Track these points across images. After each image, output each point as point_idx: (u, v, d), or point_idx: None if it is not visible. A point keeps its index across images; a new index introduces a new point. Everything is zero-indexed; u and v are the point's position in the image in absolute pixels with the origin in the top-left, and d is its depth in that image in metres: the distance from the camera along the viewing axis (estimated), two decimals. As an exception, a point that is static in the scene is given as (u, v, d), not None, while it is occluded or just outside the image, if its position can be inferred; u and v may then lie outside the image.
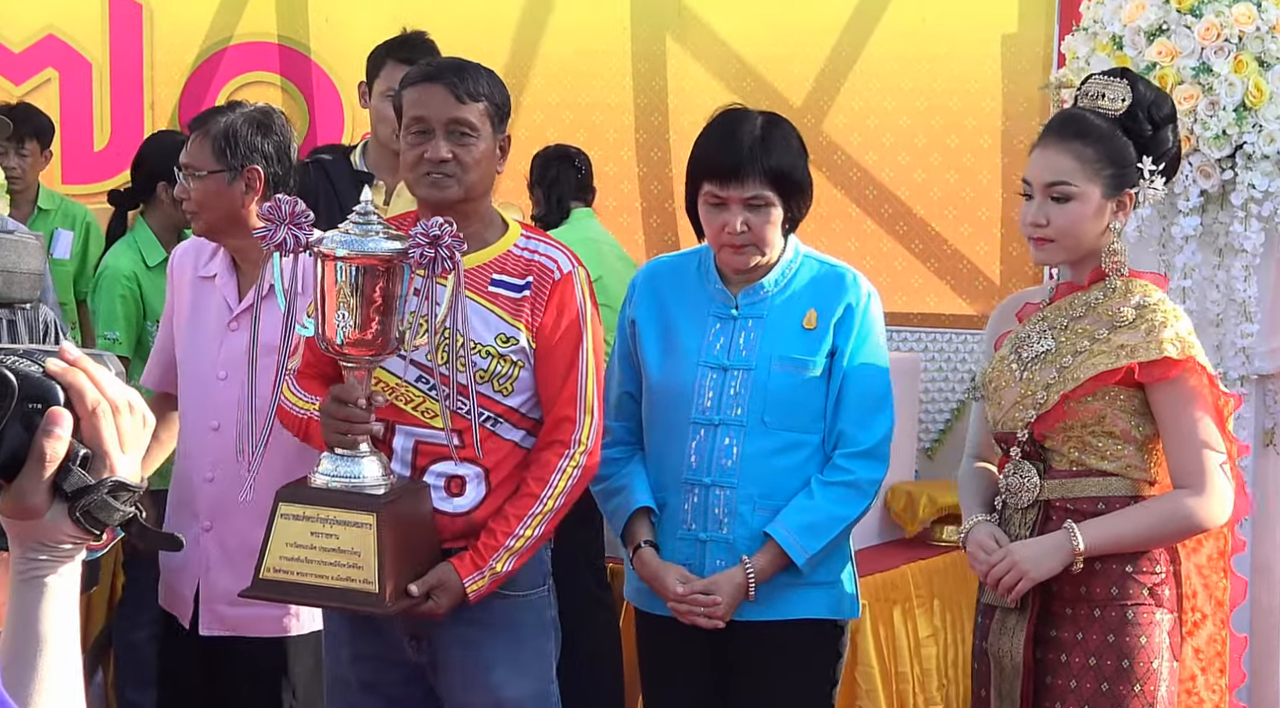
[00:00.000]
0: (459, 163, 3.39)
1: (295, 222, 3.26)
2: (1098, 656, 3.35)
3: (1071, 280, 3.46)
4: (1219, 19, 4.33)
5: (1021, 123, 5.85)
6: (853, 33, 6.08)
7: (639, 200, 6.40)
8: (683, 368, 3.60)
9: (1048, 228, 3.37)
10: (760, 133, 3.54)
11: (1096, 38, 4.55)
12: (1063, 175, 3.36)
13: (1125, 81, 3.42)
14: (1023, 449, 3.41)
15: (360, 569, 3.28)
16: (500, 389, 3.43)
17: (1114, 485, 3.37)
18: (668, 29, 6.36)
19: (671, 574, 3.55)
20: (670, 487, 3.60)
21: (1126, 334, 3.34)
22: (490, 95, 3.42)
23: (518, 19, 6.46)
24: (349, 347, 3.28)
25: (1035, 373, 3.40)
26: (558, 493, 3.43)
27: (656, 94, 6.38)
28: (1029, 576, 3.33)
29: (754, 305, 3.59)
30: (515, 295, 3.45)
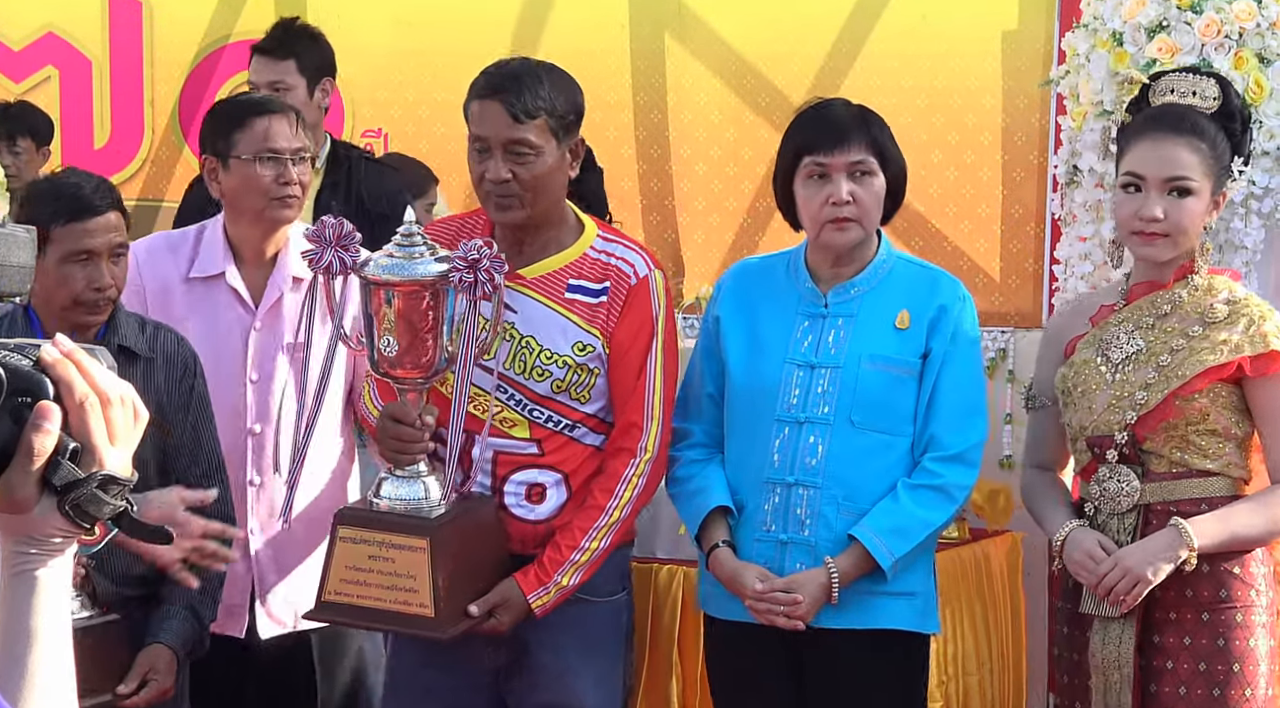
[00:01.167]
0: (519, 182, 3.34)
1: (342, 244, 3.26)
2: (1208, 660, 3.28)
3: (1152, 279, 3.40)
4: (1219, 15, 4.33)
5: (1021, 120, 5.84)
6: (852, 30, 6.07)
7: (639, 198, 6.39)
8: (768, 365, 3.52)
9: (1164, 222, 3.30)
10: (858, 108, 3.54)
11: (1097, 34, 4.54)
12: (1184, 170, 3.31)
13: (1214, 81, 3.38)
14: (1120, 452, 3.33)
15: (416, 593, 3.27)
16: (577, 397, 3.41)
17: (1215, 485, 3.32)
18: (666, 27, 6.35)
19: (750, 572, 3.46)
20: (750, 487, 3.51)
21: (1225, 330, 3.30)
22: (551, 107, 3.34)
23: (516, 17, 6.45)
24: (398, 368, 3.27)
25: (1129, 374, 3.33)
26: (624, 503, 3.42)
27: (656, 92, 6.37)
28: (1145, 580, 3.25)
29: (845, 304, 3.52)
30: (592, 301, 3.42)
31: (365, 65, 6.68)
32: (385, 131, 6.66)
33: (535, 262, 3.43)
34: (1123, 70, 4.42)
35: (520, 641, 3.46)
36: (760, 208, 6.26)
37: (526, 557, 3.44)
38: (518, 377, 3.38)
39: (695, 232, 6.35)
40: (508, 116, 3.33)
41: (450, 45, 6.45)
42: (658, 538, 4.94)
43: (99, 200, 3.46)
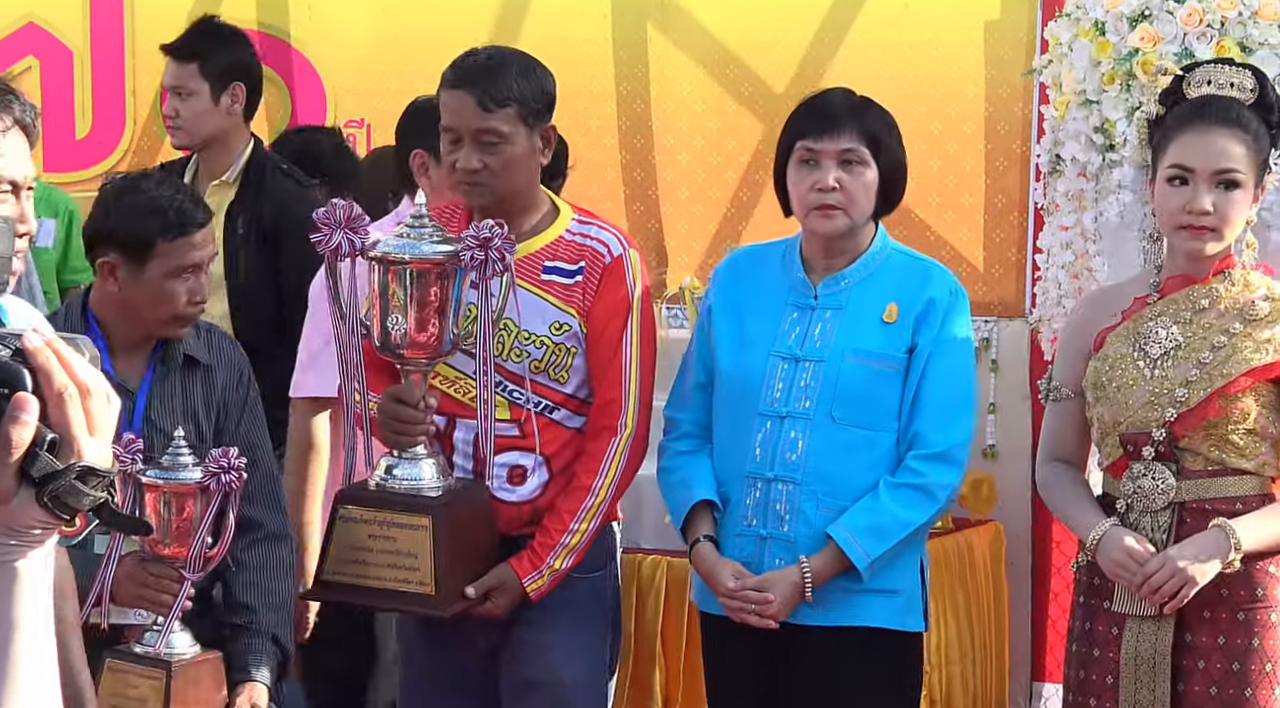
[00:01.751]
0: (490, 171, 3.38)
1: (351, 226, 3.27)
2: (1241, 660, 3.26)
3: (1187, 273, 3.37)
4: (1201, 4, 4.33)
5: (1004, 109, 5.84)
6: (835, 20, 6.07)
7: (622, 187, 6.38)
8: (754, 357, 3.50)
9: (1213, 216, 3.27)
10: (858, 99, 3.52)
11: (1079, 23, 4.54)
12: (1233, 162, 3.28)
13: (1250, 72, 3.35)
14: (1157, 450, 3.30)
15: (417, 571, 3.32)
16: (556, 378, 3.44)
17: (1249, 484, 3.30)
18: (649, 17, 6.34)
19: (726, 569, 3.44)
20: (734, 481, 3.50)
21: (1267, 329, 3.28)
22: (521, 96, 3.37)
23: (499, 6, 6.44)
24: (405, 349, 3.30)
25: (1168, 370, 3.29)
26: (608, 482, 3.44)
27: (639, 81, 6.37)
28: (1194, 581, 3.21)
29: (834, 295, 3.49)
30: (568, 281, 3.45)
31: (347, 54, 6.67)
32: (368, 122, 6.64)
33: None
34: (1105, 60, 4.42)
35: (507, 618, 3.48)
36: (744, 198, 6.26)
37: (510, 538, 3.45)
38: (496, 358, 3.39)
39: (679, 221, 6.35)
40: (476, 107, 3.37)
41: (432, 33, 6.43)
42: (642, 529, 4.94)
43: (199, 213, 3.47)
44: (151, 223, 3.41)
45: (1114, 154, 4.43)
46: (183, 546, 3.28)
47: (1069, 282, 4.67)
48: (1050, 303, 4.74)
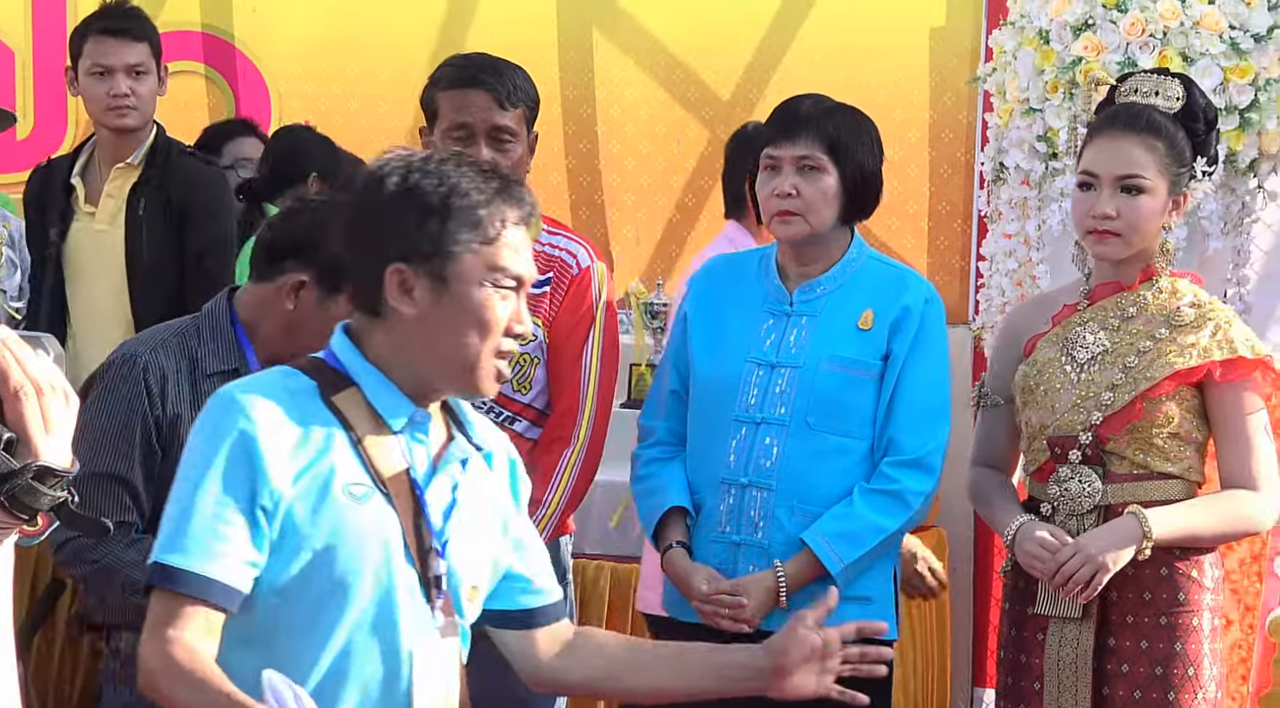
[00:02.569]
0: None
1: None
2: (1164, 664, 3.27)
3: (1116, 280, 3.38)
4: (1144, 14, 4.36)
5: (949, 116, 5.87)
6: (781, 26, 6.09)
7: (568, 192, 6.38)
8: (730, 363, 3.48)
9: (1117, 221, 3.29)
10: (827, 105, 3.50)
11: (1024, 32, 4.57)
12: (1137, 167, 3.29)
13: (1178, 81, 3.36)
14: (1083, 453, 3.31)
15: None
16: (519, 388, 3.42)
17: (1174, 488, 3.31)
18: (594, 22, 6.34)
19: (700, 574, 3.42)
20: (708, 487, 3.47)
21: (1192, 334, 3.29)
22: (528, 97, 3.41)
23: (444, 11, 6.42)
24: None
25: (1095, 374, 3.31)
26: (560, 495, 3.44)
27: (584, 87, 6.36)
28: (1106, 567, 3.22)
29: (809, 302, 3.48)
30: (535, 291, 3.42)
31: (292, 56, 6.63)
32: (312, 124, 6.61)
33: None
34: (1049, 68, 4.45)
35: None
36: (689, 203, 6.26)
37: None
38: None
39: (624, 226, 6.35)
40: (495, 103, 3.37)
41: (378, 37, 6.41)
42: (587, 534, 4.93)
43: None
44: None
45: (1057, 162, 4.46)
46: None
47: (1012, 289, 4.69)
48: (994, 310, 4.77)
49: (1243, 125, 4.33)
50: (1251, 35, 4.36)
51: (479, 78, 3.38)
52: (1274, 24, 4.38)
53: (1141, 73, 3.49)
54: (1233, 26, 4.35)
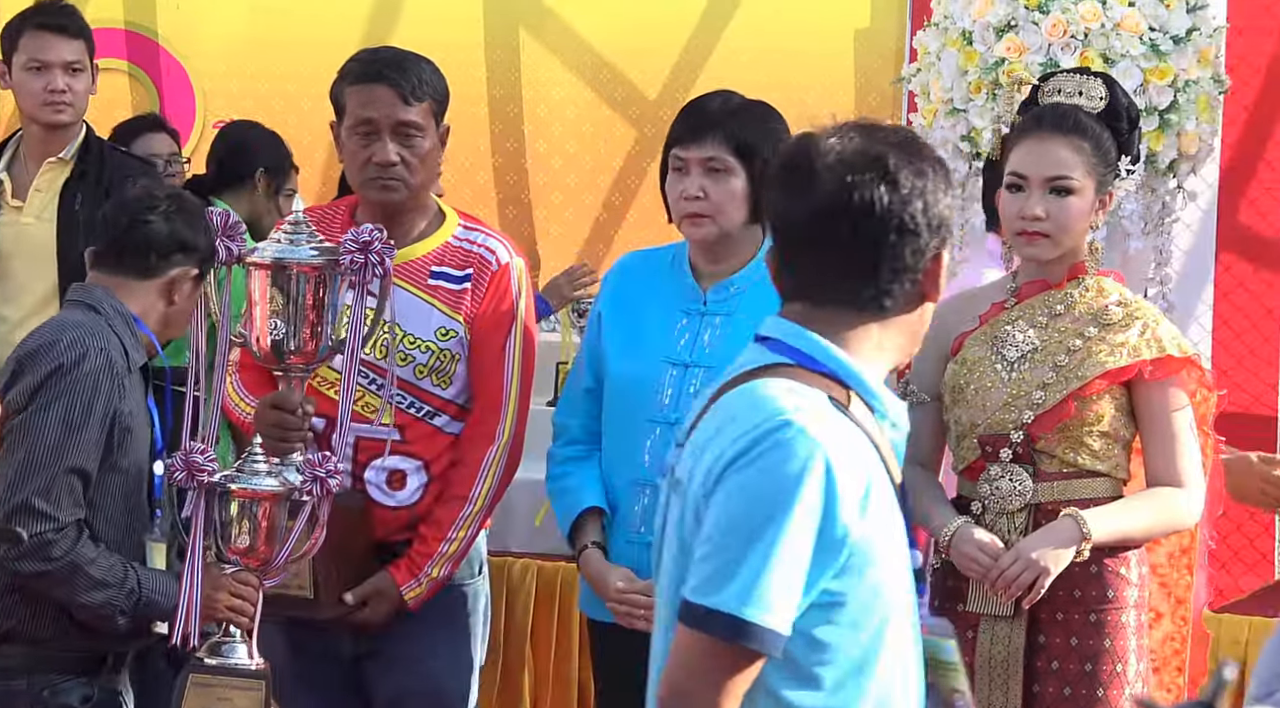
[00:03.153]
0: (406, 165, 3.37)
1: (228, 234, 3.26)
2: (1093, 661, 3.28)
3: (1043, 279, 3.40)
4: (1065, 16, 4.40)
5: (874, 117, 5.88)
6: (707, 26, 6.10)
7: (494, 191, 6.37)
8: (645, 363, 3.46)
9: (1046, 222, 3.29)
10: (735, 104, 3.47)
11: (947, 33, 4.60)
12: (1065, 168, 3.30)
13: (1101, 81, 3.37)
14: (1014, 451, 3.33)
15: (295, 576, 3.32)
16: (439, 383, 3.42)
17: (1102, 486, 3.33)
18: (521, 21, 6.34)
19: (614, 575, 3.41)
20: (623, 488, 3.47)
21: (1121, 332, 3.30)
22: (434, 91, 3.39)
23: (370, 9, 6.40)
24: (284, 355, 3.28)
25: (1025, 373, 3.31)
26: (485, 491, 3.43)
27: (511, 86, 6.35)
28: (1048, 571, 3.23)
29: (723, 302, 3.46)
30: (455, 288, 3.44)
31: (217, 54, 6.60)
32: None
33: (398, 249, 3.43)
34: (972, 69, 4.48)
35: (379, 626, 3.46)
36: (616, 202, 6.27)
37: (386, 544, 3.44)
38: (380, 362, 3.37)
39: (551, 225, 6.35)
40: (398, 98, 3.36)
41: (303, 35, 6.38)
42: (511, 532, 4.93)
43: None
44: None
45: (980, 162, 4.48)
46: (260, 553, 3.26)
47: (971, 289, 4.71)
48: (917, 309, 4.79)
49: (1162, 126, 4.38)
50: (1171, 37, 4.41)
51: (383, 73, 3.38)
52: (1193, 26, 4.43)
53: (1064, 72, 3.50)
54: (1152, 28, 4.40)
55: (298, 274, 3.25)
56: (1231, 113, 5.10)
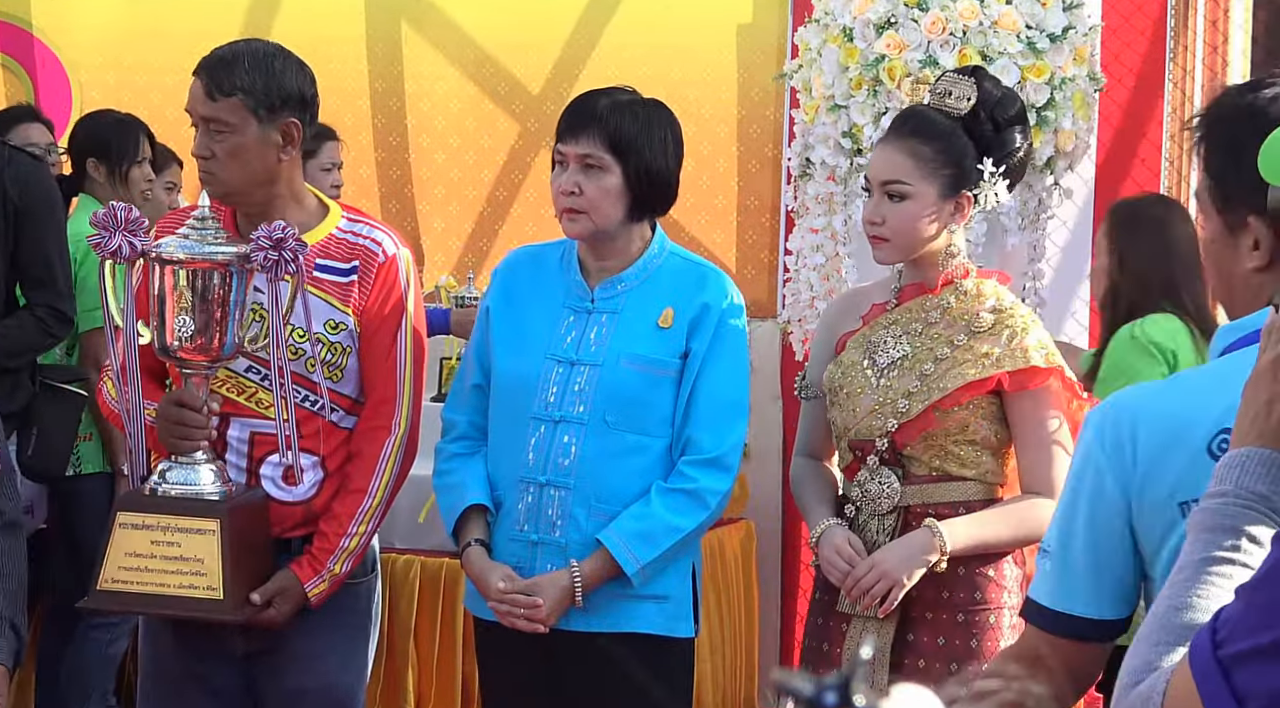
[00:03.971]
0: (217, 160, 3.35)
1: (130, 228, 3.22)
2: (960, 661, 3.30)
3: (921, 282, 3.40)
4: (944, 13, 4.44)
5: (756, 112, 5.93)
6: (590, 22, 6.10)
7: (377, 186, 6.34)
8: (530, 360, 3.45)
9: (883, 226, 3.30)
10: (620, 101, 3.45)
11: (828, 29, 4.62)
12: (897, 173, 3.29)
13: (972, 80, 3.34)
14: (881, 457, 3.33)
15: (204, 576, 3.26)
16: (330, 376, 3.39)
17: (972, 490, 3.33)
18: (403, 14, 6.31)
19: (496, 573, 3.39)
20: (507, 485, 3.45)
21: (988, 341, 3.30)
22: (249, 87, 3.34)
23: (249, 1, 6.35)
24: (189, 352, 3.26)
25: (893, 380, 3.32)
26: (384, 484, 3.41)
27: (394, 79, 6.33)
28: (900, 583, 3.25)
29: (610, 300, 3.45)
30: (342, 280, 3.41)
31: (93, 46, 6.51)
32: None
33: None
34: (853, 66, 4.51)
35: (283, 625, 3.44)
36: (500, 197, 6.25)
37: (283, 541, 3.42)
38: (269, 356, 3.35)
39: (434, 220, 6.32)
40: (204, 93, 3.35)
41: (181, 27, 6.31)
42: (395, 528, 4.91)
43: None
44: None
45: (862, 158, 4.52)
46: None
47: (819, 283, 4.75)
48: (801, 304, 4.82)
49: (1039, 123, 4.43)
50: (1047, 35, 4.46)
51: (201, 67, 3.40)
52: (1069, 24, 4.48)
53: (947, 73, 3.51)
54: (1029, 26, 4.45)
55: (204, 271, 3.23)
56: (1106, 111, 5.18)
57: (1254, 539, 1.73)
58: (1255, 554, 1.73)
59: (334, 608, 3.46)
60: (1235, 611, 1.63)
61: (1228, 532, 1.75)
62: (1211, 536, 1.76)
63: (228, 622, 3.31)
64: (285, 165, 3.41)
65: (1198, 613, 1.71)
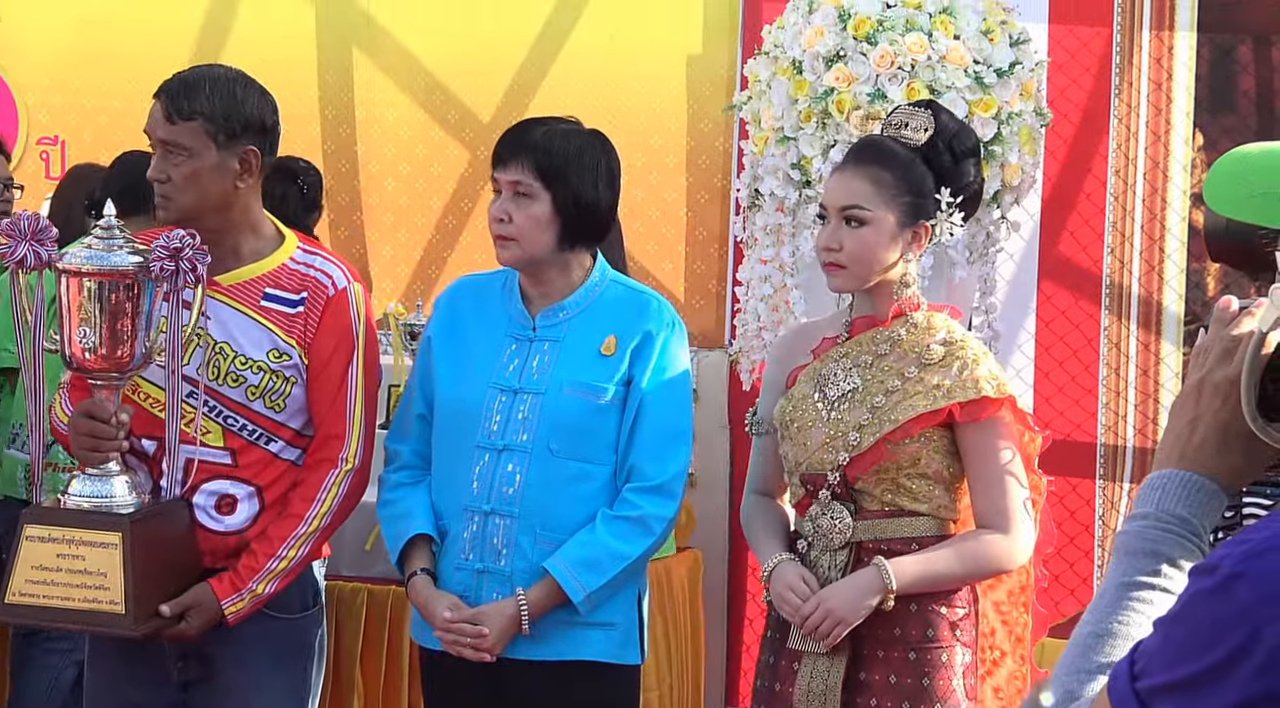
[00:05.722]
0: (172, 184, 3.34)
1: (37, 238, 3.21)
2: (911, 699, 3.28)
3: (871, 314, 3.39)
4: (893, 47, 4.46)
5: (705, 142, 5.95)
6: (541, 49, 6.12)
7: (327, 212, 6.32)
8: (473, 389, 3.44)
9: (840, 253, 3.29)
10: (557, 131, 3.45)
11: (777, 62, 4.64)
12: (857, 199, 3.29)
13: (929, 112, 3.36)
14: (833, 491, 3.32)
15: (107, 590, 3.23)
16: (272, 406, 3.37)
17: (924, 525, 3.32)
18: (355, 40, 6.31)
19: (442, 602, 3.38)
20: (452, 514, 3.44)
21: (939, 373, 3.30)
22: (209, 112, 3.33)
23: (200, 25, 6.34)
24: (94, 364, 3.24)
25: (844, 413, 3.31)
26: (323, 513, 3.39)
27: (344, 106, 6.33)
28: (846, 621, 3.24)
29: (552, 328, 3.45)
30: (290, 311, 3.39)
31: (41, 69, 6.49)
32: (62, 138, 6.47)
33: (230, 270, 3.40)
34: (802, 98, 4.53)
35: (208, 656, 3.41)
36: (448, 225, 6.26)
37: (215, 570, 3.40)
38: (211, 382, 3.34)
39: (383, 247, 6.32)
40: (164, 116, 3.34)
41: (132, 51, 6.30)
42: (343, 556, 4.90)
43: None
44: None
45: (810, 190, 4.54)
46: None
47: (768, 314, 4.77)
48: (749, 334, 4.84)
49: (987, 157, 4.46)
50: (994, 70, 4.50)
51: (162, 90, 3.39)
52: (1015, 60, 4.52)
53: (902, 105, 3.53)
54: (977, 61, 4.49)
55: (110, 281, 3.22)
56: (1052, 146, 5.23)
57: (1174, 564, 1.74)
58: (1176, 579, 1.74)
59: (273, 641, 3.44)
60: (1153, 644, 1.65)
61: (1148, 556, 1.76)
62: (1132, 560, 1.77)
63: (128, 637, 3.28)
64: (242, 192, 3.40)
65: (1118, 640, 1.73)
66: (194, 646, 3.39)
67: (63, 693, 5.13)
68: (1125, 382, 5.35)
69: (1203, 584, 1.62)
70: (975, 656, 3.34)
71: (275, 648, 3.46)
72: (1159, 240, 5.28)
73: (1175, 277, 5.31)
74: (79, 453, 3.29)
